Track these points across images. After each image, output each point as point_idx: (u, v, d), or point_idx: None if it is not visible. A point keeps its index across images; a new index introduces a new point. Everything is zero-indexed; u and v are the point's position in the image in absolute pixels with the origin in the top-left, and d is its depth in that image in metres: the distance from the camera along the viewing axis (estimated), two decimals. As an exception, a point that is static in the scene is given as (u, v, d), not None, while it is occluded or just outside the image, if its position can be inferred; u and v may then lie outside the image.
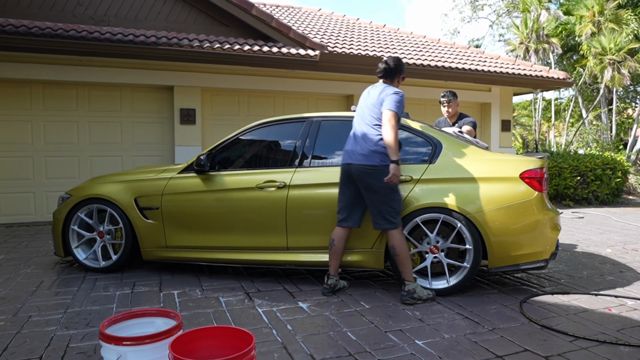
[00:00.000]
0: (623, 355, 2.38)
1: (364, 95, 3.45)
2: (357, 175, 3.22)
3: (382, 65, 3.39)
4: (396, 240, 3.18)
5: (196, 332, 1.87)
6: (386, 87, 3.32)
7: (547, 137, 22.08)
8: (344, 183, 3.33)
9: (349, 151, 3.30)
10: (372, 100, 3.32)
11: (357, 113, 3.42)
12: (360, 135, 3.29)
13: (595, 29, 16.28)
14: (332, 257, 3.36)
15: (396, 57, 3.46)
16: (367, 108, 3.34)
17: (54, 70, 6.63)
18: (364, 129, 3.29)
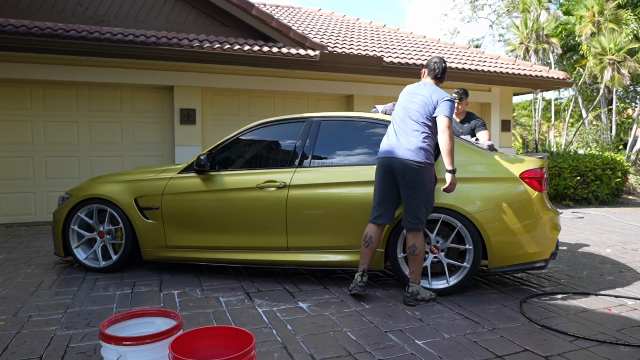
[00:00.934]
0: (623, 355, 2.39)
1: (410, 91, 3.38)
2: (402, 169, 3.17)
3: (442, 65, 3.39)
4: (419, 240, 3.17)
5: (196, 332, 1.87)
6: (437, 89, 3.31)
7: (547, 137, 22.08)
8: (381, 179, 3.26)
9: (393, 145, 3.23)
10: (423, 98, 3.26)
11: (403, 107, 3.32)
12: (407, 131, 3.23)
13: (595, 29, 16.28)
14: (366, 255, 3.24)
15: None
16: (416, 104, 3.27)
17: (54, 70, 6.63)
18: (411, 125, 3.24)
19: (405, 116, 3.29)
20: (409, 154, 3.16)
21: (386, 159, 3.25)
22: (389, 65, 7.89)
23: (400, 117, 3.33)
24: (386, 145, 3.29)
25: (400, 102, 3.39)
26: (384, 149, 3.29)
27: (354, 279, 3.28)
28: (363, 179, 3.49)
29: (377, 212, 3.26)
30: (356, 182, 3.51)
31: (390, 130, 3.35)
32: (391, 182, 3.24)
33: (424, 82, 3.42)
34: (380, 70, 7.84)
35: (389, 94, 8.85)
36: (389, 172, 3.23)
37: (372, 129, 3.71)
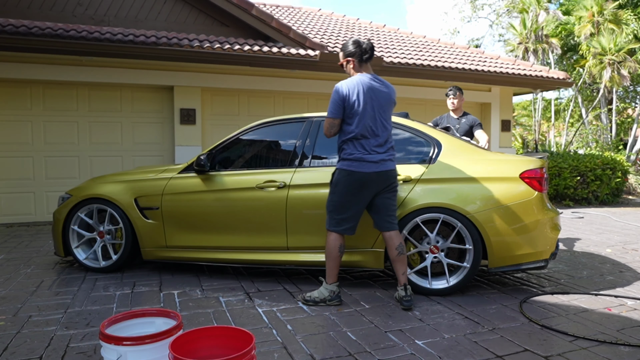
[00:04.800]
0: (623, 355, 2.39)
1: (368, 90, 3.07)
2: (390, 179, 3.12)
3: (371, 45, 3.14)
4: (401, 237, 3.17)
5: (196, 332, 1.87)
6: (385, 80, 3.19)
7: (547, 137, 22.08)
8: (361, 192, 3.06)
9: (385, 156, 3.08)
10: (385, 99, 3.14)
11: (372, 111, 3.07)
12: (387, 138, 3.13)
13: (594, 30, 16.29)
14: (338, 265, 3.15)
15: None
16: (382, 107, 3.10)
17: (54, 70, 6.63)
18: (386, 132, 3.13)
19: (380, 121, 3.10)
20: (393, 164, 3.14)
21: (381, 172, 3.06)
22: (389, 65, 7.89)
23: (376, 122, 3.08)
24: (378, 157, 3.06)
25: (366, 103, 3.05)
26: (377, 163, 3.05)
27: (335, 292, 3.15)
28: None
29: (349, 224, 3.11)
30: (356, 182, 3.50)
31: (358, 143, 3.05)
32: (370, 194, 3.10)
33: (372, 76, 3.16)
34: (380, 70, 7.83)
35: (389, 94, 8.84)
36: (373, 184, 3.06)
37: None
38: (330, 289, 3.16)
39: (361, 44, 3.13)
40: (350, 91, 3.04)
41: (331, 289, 3.16)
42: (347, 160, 3.06)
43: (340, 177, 3.09)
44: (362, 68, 3.17)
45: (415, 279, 3.37)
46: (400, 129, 3.64)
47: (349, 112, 3.05)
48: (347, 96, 3.04)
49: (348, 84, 3.06)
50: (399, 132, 3.64)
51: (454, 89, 4.83)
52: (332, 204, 3.14)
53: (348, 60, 3.16)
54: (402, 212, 3.34)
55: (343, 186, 3.07)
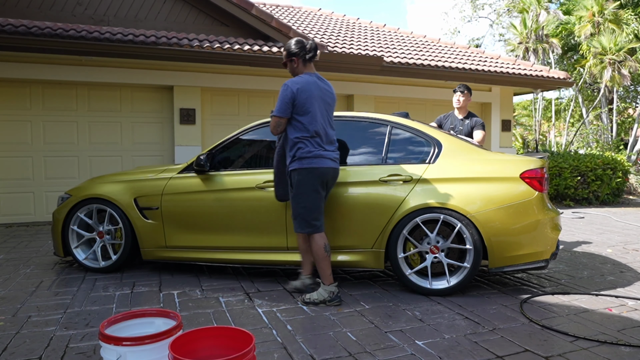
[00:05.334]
0: (624, 356, 2.38)
1: (316, 89, 3.13)
2: (336, 178, 3.29)
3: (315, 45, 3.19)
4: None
5: (196, 332, 1.86)
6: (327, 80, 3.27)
7: (547, 137, 22.08)
8: (322, 187, 3.16)
9: (336, 155, 3.23)
10: (331, 99, 3.27)
11: (322, 110, 3.15)
12: (333, 138, 3.26)
13: (595, 30, 16.28)
14: (329, 265, 3.16)
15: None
16: (329, 106, 3.23)
17: (53, 70, 6.62)
18: (333, 131, 3.26)
19: (327, 122, 3.21)
20: (338, 164, 3.27)
21: (334, 169, 3.20)
22: (389, 65, 7.88)
23: (325, 122, 3.17)
24: (333, 155, 3.19)
25: (317, 102, 3.12)
26: (333, 160, 3.17)
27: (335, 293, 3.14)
28: (363, 179, 3.48)
29: (320, 221, 3.16)
30: (356, 182, 3.50)
31: (314, 141, 3.11)
32: (323, 190, 3.18)
33: (318, 75, 3.25)
34: (381, 70, 7.84)
35: (389, 94, 8.86)
36: (329, 181, 3.21)
37: (372, 128, 3.71)
38: (329, 290, 3.15)
39: (305, 44, 3.16)
40: (300, 90, 3.06)
41: (330, 290, 3.15)
42: (306, 159, 3.07)
43: (302, 177, 3.09)
44: (306, 67, 3.21)
45: (415, 279, 3.37)
46: (401, 129, 3.63)
47: (300, 111, 3.07)
48: (296, 95, 3.05)
49: (297, 83, 3.09)
50: (400, 132, 3.63)
51: (463, 87, 4.81)
52: (301, 207, 3.11)
53: (292, 59, 3.18)
54: (402, 212, 3.33)
55: (307, 185, 3.09)
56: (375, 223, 3.41)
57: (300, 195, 3.11)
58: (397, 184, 3.42)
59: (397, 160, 3.56)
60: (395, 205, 3.37)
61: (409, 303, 3.19)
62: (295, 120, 3.10)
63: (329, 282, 3.16)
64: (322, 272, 3.15)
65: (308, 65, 3.20)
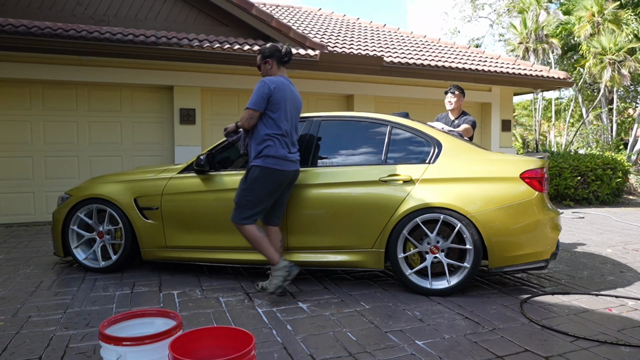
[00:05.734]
0: (624, 356, 2.38)
1: (289, 92, 3.25)
2: (296, 178, 3.39)
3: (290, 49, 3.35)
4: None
5: (196, 332, 1.86)
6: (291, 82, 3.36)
7: (547, 137, 22.09)
8: (279, 189, 3.25)
9: (298, 157, 3.34)
10: (300, 103, 3.37)
11: (291, 113, 3.27)
12: (296, 141, 3.38)
13: (595, 30, 16.28)
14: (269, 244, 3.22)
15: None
16: (297, 111, 3.36)
17: (53, 70, 6.62)
18: (297, 135, 3.38)
19: (293, 126, 3.32)
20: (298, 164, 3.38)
21: (295, 171, 3.31)
22: (389, 65, 7.88)
23: (290, 125, 3.28)
24: (294, 157, 3.29)
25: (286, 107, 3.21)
26: (292, 162, 3.25)
27: (287, 265, 3.18)
28: (363, 179, 3.49)
29: (259, 215, 3.26)
30: (356, 182, 3.50)
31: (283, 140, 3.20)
32: (281, 191, 3.31)
33: (288, 79, 3.34)
34: (381, 70, 7.84)
35: (389, 94, 8.86)
36: (289, 183, 3.32)
37: (372, 128, 3.71)
38: (281, 266, 3.17)
39: (280, 48, 3.30)
40: (277, 88, 3.15)
41: (282, 265, 3.17)
42: (271, 158, 3.13)
43: (261, 175, 3.15)
44: (279, 70, 3.34)
45: (415, 279, 3.37)
46: (401, 129, 3.63)
47: (273, 108, 3.14)
48: (272, 92, 3.13)
49: (274, 81, 3.18)
50: (400, 132, 3.63)
51: (454, 88, 4.73)
52: (246, 199, 3.19)
53: (266, 61, 3.29)
54: (402, 212, 3.33)
55: (263, 183, 3.16)
56: (375, 223, 3.41)
57: (251, 190, 3.18)
58: (397, 184, 3.42)
59: (397, 160, 3.56)
60: (395, 205, 3.37)
61: (409, 303, 3.19)
62: (268, 116, 3.16)
63: (277, 259, 3.18)
64: (266, 253, 3.18)
65: (281, 68, 3.34)
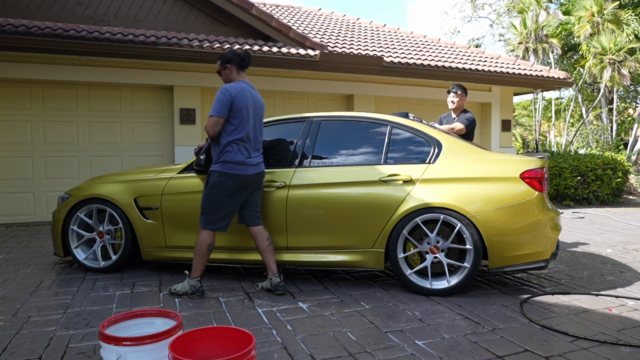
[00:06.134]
0: (624, 356, 2.38)
1: (250, 97, 3.28)
2: (262, 178, 3.42)
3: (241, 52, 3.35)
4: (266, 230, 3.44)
5: (196, 332, 1.87)
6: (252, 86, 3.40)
7: (547, 137, 22.09)
8: (241, 193, 3.28)
9: (260, 160, 3.35)
10: (261, 107, 3.39)
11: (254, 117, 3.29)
12: (260, 145, 3.41)
13: (594, 30, 16.27)
14: (205, 262, 3.32)
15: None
16: (259, 114, 3.37)
17: (53, 70, 6.62)
18: (261, 137, 3.41)
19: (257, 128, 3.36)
20: (263, 166, 3.42)
21: (260, 173, 3.34)
22: (389, 65, 7.88)
23: (255, 128, 3.32)
24: (258, 160, 3.34)
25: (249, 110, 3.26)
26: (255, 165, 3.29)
27: (197, 287, 3.30)
28: (363, 179, 3.49)
29: (225, 222, 3.30)
30: (356, 182, 3.50)
31: (243, 146, 3.24)
32: (246, 195, 3.33)
33: (248, 83, 3.36)
34: (381, 70, 7.84)
35: (389, 94, 8.86)
36: (251, 186, 3.32)
37: (372, 128, 3.71)
38: (192, 284, 3.31)
39: (239, 53, 3.34)
40: (238, 94, 3.20)
41: (192, 284, 3.31)
42: (229, 163, 3.21)
43: (220, 180, 3.23)
44: (239, 75, 3.36)
45: (415, 279, 3.37)
46: (401, 129, 3.63)
47: (234, 114, 3.20)
48: (234, 98, 3.18)
49: (235, 87, 3.22)
50: (400, 132, 3.63)
51: (456, 87, 4.73)
52: (209, 204, 3.27)
53: (225, 66, 3.33)
54: (402, 212, 3.34)
55: (223, 188, 3.23)
56: (375, 223, 3.41)
57: (211, 195, 3.26)
58: (397, 184, 3.42)
59: (397, 160, 3.56)
60: (395, 205, 3.37)
61: (409, 303, 3.19)
62: (230, 123, 3.22)
63: (194, 276, 3.32)
64: (194, 266, 3.31)
65: (241, 73, 3.37)
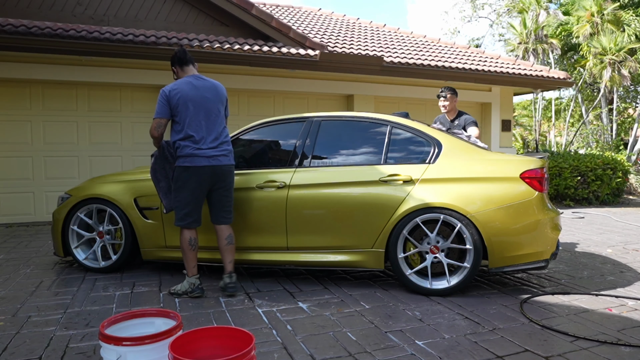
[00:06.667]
0: (624, 356, 2.38)
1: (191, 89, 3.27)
2: (225, 175, 3.34)
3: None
4: (230, 229, 3.43)
5: (196, 332, 1.87)
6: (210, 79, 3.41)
7: (547, 137, 22.09)
8: (198, 186, 3.26)
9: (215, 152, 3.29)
10: (212, 95, 3.33)
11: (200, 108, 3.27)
12: (222, 135, 3.36)
13: (594, 30, 16.27)
14: (195, 258, 3.34)
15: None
16: (209, 102, 3.31)
17: (53, 70, 6.62)
18: (219, 127, 3.35)
19: (215, 119, 3.33)
20: (227, 160, 3.35)
21: (206, 167, 3.26)
22: (389, 65, 7.88)
23: (208, 120, 3.30)
24: (211, 152, 3.28)
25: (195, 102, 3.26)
26: (209, 158, 3.26)
27: (196, 285, 3.32)
28: (363, 179, 3.49)
29: (192, 218, 3.31)
30: (356, 182, 3.50)
31: (191, 140, 3.26)
32: (205, 189, 3.32)
33: (202, 76, 3.41)
34: (381, 70, 7.84)
35: (389, 94, 8.86)
36: (207, 179, 3.29)
37: (372, 128, 3.71)
38: (190, 282, 3.33)
39: (177, 53, 3.42)
40: (173, 92, 3.26)
41: (191, 282, 3.33)
42: (182, 157, 3.28)
43: (177, 174, 3.31)
44: (185, 72, 3.42)
45: (415, 279, 3.37)
46: (401, 129, 3.63)
47: (175, 112, 3.27)
48: (169, 97, 3.26)
49: (171, 86, 3.29)
50: (400, 132, 3.63)
51: (445, 91, 4.78)
52: (174, 201, 3.35)
53: (173, 70, 3.46)
54: (402, 212, 3.34)
55: (181, 182, 3.28)
56: (375, 223, 3.41)
57: (175, 190, 3.33)
58: (397, 184, 3.42)
59: (397, 160, 3.56)
60: (395, 205, 3.37)
61: (409, 303, 3.19)
62: (175, 122, 3.32)
63: (191, 274, 3.34)
64: (186, 264, 3.34)
65: (186, 69, 3.41)
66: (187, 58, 3.40)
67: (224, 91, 3.46)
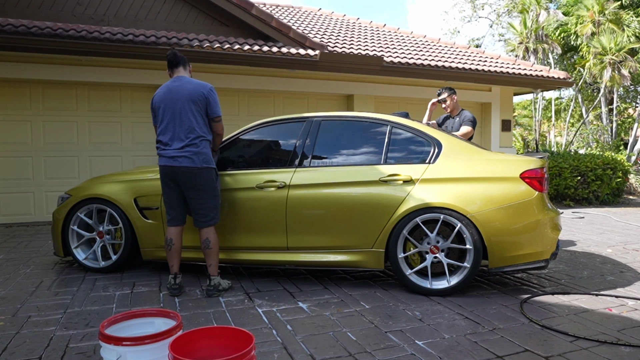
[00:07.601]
0: (624, 356, 2.38)
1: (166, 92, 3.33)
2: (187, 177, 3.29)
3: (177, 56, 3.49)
4: (212, 234, 3.39)
5: (196, 332, 1.86)
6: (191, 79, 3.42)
7: (547, 137, 22.09)
8: (167, 185, 3.35)
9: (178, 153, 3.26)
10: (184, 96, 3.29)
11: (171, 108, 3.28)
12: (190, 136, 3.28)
13: (596, 29, 16.27)
14: (174, 257, 3.37)
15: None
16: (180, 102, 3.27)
17: (53, 70, 6.62)
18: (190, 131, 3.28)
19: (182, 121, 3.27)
20: (190, 162, 3.26)
21: (166, 167, 3.29)
22: (389, 65, 7.88)
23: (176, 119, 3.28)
24: (162, 153, 3.32)
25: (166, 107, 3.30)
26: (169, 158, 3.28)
27: (168, 281, 3.39)
28: (363, 179, 3.49)
29: (170, 216, 3.39)
30: (356, 182, 3.50)
31: (160, 142, 3.33)
32: (175, 189, 3.35)
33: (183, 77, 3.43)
34: (381, 70, 7.84)
35: (389, 94, 8.86)
36: (171, 179, 3.32)
37: (372, 128, 3.71)
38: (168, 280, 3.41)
39: (167, 56, 3.52)
40: (154, 98, 3.41)
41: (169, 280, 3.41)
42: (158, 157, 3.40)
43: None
44: (173, 74, 3.52)
45: (415, 279, 3.37)
46: (401, 129, 3.64)
47: (155, 117, 3.41)
48: (152, 103, 3.41)
49: (156, 92, 3.42)
50: (400, 132, 3.63)
51: (442, 93, 4.88)
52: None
53: (169, 74, 3.55)
54: (402, 212, 3.34)
55: (160, 181, 3.43)
56: (375, 223, 3.41)
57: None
58: (397, 184, 3.42)
59: (397, 160, 3.56)
60: (395, 205, 3.37)
61: (409, 303, 3.19)
62: (156, 126, 3.43)
63: (172, 271, 3.40)
64: (168, 260, 3.41)
65: (175, 71, 3.51)
66: (176, 60, 3.46)
67: (202, 90, 3.32)
